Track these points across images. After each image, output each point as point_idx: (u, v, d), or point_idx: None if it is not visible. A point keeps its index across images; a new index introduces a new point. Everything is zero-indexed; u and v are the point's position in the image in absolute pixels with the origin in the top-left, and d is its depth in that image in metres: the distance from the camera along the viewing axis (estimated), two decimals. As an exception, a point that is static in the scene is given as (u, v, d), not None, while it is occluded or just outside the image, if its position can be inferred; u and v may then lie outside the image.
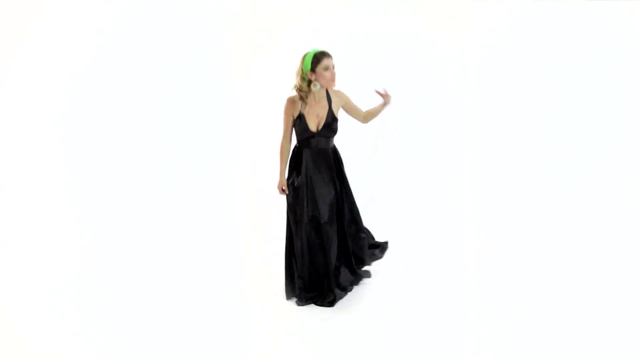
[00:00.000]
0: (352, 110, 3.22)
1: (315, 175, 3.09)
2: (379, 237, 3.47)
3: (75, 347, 2.66)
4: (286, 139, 3.14)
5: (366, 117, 3.27)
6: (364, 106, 3.28)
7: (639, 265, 3.43)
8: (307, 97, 3.06)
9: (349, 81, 3.26)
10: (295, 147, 3.16)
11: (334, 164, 3.15)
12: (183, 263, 3.56)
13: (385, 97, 3.25)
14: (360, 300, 3.10)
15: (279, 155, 3.16)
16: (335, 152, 3.19)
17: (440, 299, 3.07)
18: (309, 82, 3.04)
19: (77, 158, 4.29)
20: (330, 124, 3.09)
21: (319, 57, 3.01)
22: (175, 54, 4.44)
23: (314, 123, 3.07)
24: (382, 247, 3.44)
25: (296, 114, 3.07)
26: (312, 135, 3.08)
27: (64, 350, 2.63)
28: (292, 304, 3.08)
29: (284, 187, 3.14)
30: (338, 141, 3.21)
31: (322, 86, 3.05)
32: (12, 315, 2.96)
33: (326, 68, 3.01)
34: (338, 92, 3.15)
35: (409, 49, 4.79)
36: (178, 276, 3.39)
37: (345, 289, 3.17)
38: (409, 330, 2.76)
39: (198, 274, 3.42)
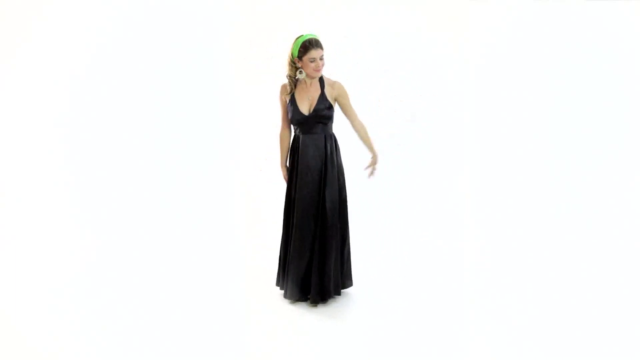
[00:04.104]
0: (345, 109, 3.03)
1: (303, 161, 2.98)
2: (378, 238, 3.44)
3: (75, 347, 2.66)
4: (284, 127, 3.08)
5: (357, 128, 3.05)
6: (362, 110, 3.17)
7: (638, 266, 3.43)
8: (295, 82, 2.99)
9: (349, 81, 3.25)
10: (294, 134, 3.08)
11: (325, 152, 2.97)
12: (183, 263, 3.56)
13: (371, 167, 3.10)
14: (360, 300, 3.10)
15: (279, 145, 3.11)
16: (332, 140, 3.02)
17: (439, 300, 3.07)
18: (296, 69, 2.96)
19: (77, 158, 4.28)
20: (322, 109, 2.96)
21: (307, 47, 2.90)
22: (175, 54, 4.45)
23: (306, 106, 2.97)
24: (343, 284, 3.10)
25: (288, 98, 3.00)
26: (305, 118, 2.97)
27: (64, 350, 2.63)
28: (292, 303, 3.08)
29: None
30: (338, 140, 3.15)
31: (307, 75, 2.96)
32: (12, 315, 2.96)
33: (312, 60, 2.91)
34: (334, 83, 3.01)
35: (409, 49, 4.79)
36: (178, 276, 3.38)
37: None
38: (408, 330, 2.76)
39: (198, 273, 3.42)
